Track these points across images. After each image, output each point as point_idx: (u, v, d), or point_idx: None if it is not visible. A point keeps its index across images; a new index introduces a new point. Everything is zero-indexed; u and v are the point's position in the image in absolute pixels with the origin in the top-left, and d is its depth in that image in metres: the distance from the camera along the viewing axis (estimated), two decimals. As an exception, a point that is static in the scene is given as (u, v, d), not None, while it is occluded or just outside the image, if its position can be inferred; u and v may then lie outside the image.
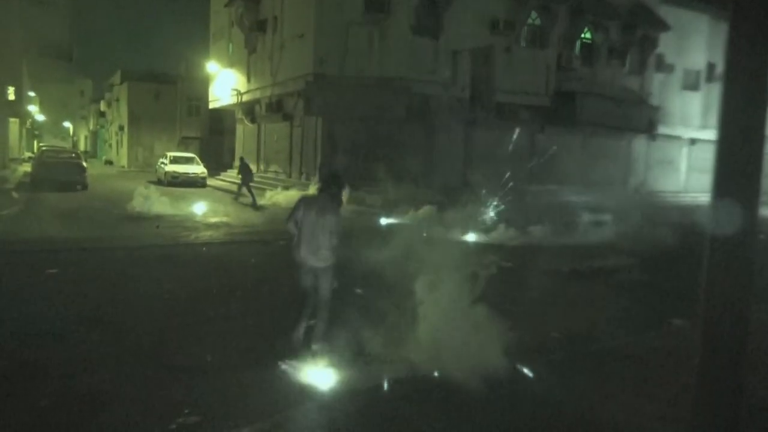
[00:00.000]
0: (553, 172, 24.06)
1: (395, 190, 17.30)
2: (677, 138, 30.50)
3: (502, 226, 14.54)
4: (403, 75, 22.05)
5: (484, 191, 16.00)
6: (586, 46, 26.14)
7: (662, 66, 28.40)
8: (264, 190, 24.67)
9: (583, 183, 26.74)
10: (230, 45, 31.98)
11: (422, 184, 20.05)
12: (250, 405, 4.64)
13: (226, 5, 30.37)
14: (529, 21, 24.32)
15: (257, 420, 4.33)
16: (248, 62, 29.38)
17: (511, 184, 16.87)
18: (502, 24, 23.17)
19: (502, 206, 15.76)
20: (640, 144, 29.38)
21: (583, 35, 25.96)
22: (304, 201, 5.78)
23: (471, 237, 13.82)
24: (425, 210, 15.99)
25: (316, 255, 5.57)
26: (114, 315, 6.87)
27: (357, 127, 22.30)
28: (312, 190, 21.06)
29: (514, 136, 22.78)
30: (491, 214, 15.65)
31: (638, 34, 27.00)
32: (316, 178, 23.51)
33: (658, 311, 7.83)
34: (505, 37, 23.40)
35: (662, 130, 29.16)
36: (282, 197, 20.28)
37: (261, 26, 27.08)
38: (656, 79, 28.62)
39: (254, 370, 5.26)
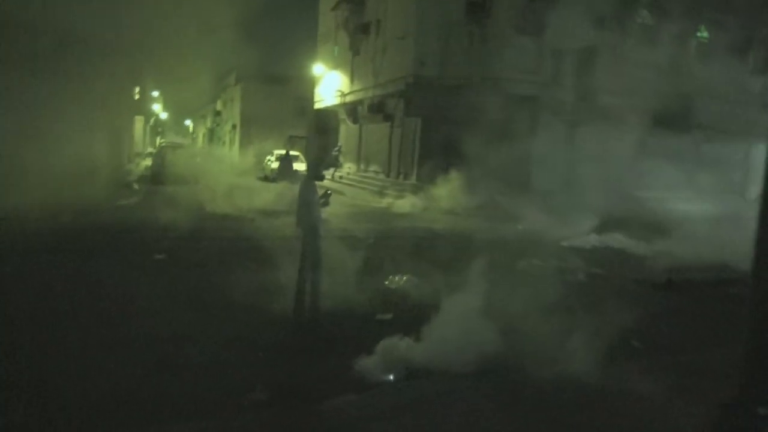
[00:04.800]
0: (662, 177, 22.88)
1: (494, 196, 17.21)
2: (805, 144, 27.98)
3: (600, 232, 14.18)
4: (504, 75, 21.82)
5: (586, 196, 15.64)
6: (702, 45, 24.60)
7: (788, 66, 26.19)
8: (363, 189, 25.32)
9: (695, 190, 25.18)
10: (336, 47, 32.96)
11: (523, 187, 19.76)
12: (320, 385, 4.93)
13: (332, 9, 31.36)
14: (639, 19, 23.26)
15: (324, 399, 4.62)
16: (352, 64, 30.17)
17: (616, 189, 16.30)
18: (609, 22, 22.32)
19: (604, 211, 15.32)
20: (760, 151, 27.19)
21: (699, 33, 24.46)
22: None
23: (569, 242, 13.57)
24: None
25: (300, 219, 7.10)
26: (207, 298, 7.47)
27: (456, 129, 22.32)
28: (410, 195, 21.56)
29: (620, 139, 21.86)
30: (591, 219, 15.28)
31: (761, 31, 25.05)
32: (413, 177, 23.87)
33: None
34: (613, 35, 22.53)
35: (787, 135, 26.89)
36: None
37: (365, 29, 27.73)
38: (781, 80, 26.44)
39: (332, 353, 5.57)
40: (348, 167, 31.37)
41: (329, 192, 7.63)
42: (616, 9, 22.47)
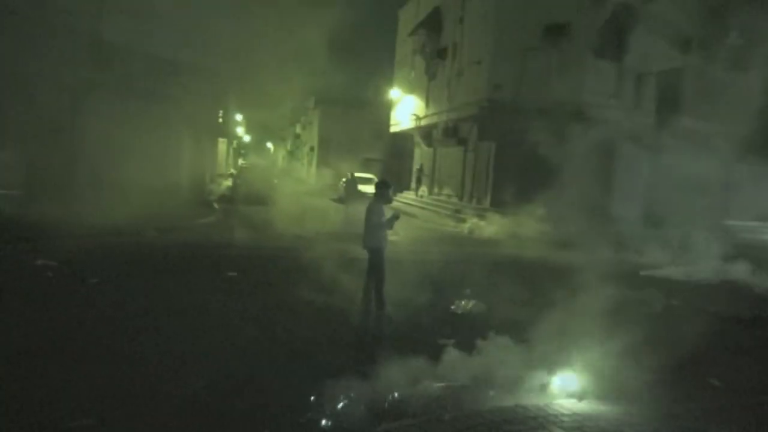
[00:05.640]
0: (756, 207, 21.63)
1: (571, 223, 16.75)
2: None
3: (683, 262, 13.58)
4: (581, 99, 21.32)
5: (669, 224, 15.03)
6: (799, 67, 23.14)
7: None
8: (436, 212, 25.26)
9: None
10: (412, 72, 33.33)
11: (600, 215, 19.09)
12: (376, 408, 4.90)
13: (410, 34, 31.78)
14: (728, 39, 22.20)
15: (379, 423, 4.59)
16: (428, 88, 30.40)
17: (701, 218, 15.58)
18: (694, 44, 21.45)
19: (689, 241, 14.70)
20: None
21: (796, 54, 23.06)
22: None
23: (647, 272, 13.10)
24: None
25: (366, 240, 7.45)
26: (273, 316, 7.64)
27: (531, 154, 21.93)
28: (482, 219, 21.35)
29: (707, 166, 20.83)
30: (674, 248, 14.68)
31: None
32: (486, 202, 23.63)
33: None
34: (699, 58, 21.61)
35: None
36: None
37: (441, 53, 27.93)
38: None
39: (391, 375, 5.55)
40: (422, 190, 31.47)
41: (397, 215, 7.64)
42: (702, 30, 21.59)
